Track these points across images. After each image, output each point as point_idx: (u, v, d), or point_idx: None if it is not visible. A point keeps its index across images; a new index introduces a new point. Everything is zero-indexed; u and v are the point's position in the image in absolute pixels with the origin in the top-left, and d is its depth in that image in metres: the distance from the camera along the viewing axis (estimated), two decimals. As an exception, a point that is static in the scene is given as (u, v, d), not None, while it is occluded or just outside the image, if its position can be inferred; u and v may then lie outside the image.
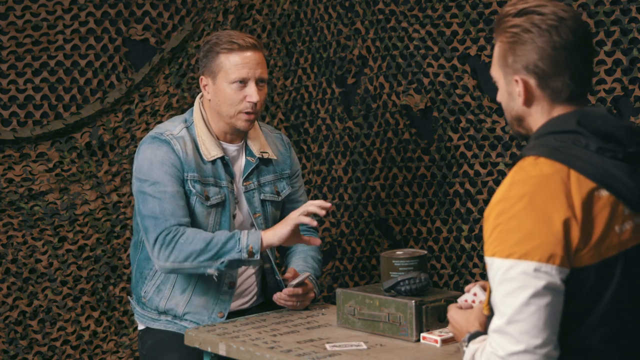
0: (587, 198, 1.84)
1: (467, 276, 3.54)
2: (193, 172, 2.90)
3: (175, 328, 2.95)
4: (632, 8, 3.10)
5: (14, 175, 3.77)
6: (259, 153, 3.02)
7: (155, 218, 2.85)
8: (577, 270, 1.83)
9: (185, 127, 2.96)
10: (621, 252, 1.88)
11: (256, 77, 2.91)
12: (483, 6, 3.45)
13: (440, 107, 3.59)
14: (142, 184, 2.90)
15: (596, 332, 1.86)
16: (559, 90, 1.93)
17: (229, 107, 2.91)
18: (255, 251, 2.79)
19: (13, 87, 3.81)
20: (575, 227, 1.82)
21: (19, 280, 3.78)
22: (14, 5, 3.79)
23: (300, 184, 3.18)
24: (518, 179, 1.86)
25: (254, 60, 2.91)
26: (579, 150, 1.86)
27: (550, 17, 1.91)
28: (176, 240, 2.82)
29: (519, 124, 2.01)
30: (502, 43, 1.96)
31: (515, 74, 1.95)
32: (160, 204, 2.86)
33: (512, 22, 1.94)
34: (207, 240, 2.81)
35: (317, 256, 3.12)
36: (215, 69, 2.92)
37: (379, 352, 2.44)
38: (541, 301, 1.79)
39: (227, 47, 2.90)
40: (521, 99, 1.95)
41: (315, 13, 3.95)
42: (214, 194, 2.92)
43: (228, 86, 2.90)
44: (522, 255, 1.80)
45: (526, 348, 1.79)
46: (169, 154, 2.88)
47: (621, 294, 1.87)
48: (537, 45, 1.91)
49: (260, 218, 3.01)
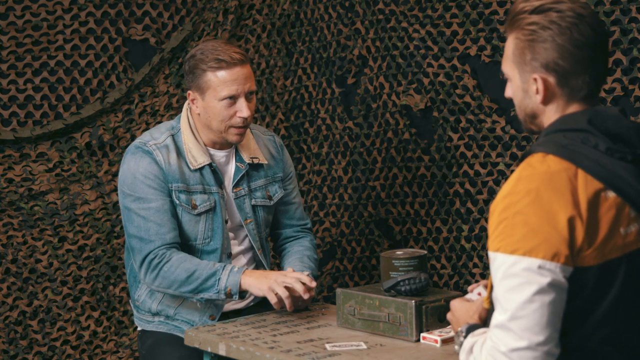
0: (593, 198, 1.83)
1: (467, 276, 3.54)
2: (177, 182, 2.89)
3: (167, 328, 2.96)
4: (632, 8, 3.10)
5: (14, 175, 3.77)
6: (249, 159, 2.99)
7: (140, 239, 2.86)
8: (579, 270, 1.82)
9: (171, 135, 2.93)
10: (625, 254, 1.87)
11: (245, 92, 2.88)
12: (483, 6, 3.45)
13: (440, 107, 3.59)
14: (127, 198, 2.90)
15: (597, 333, 1.85)
16: (578, 89, 1.92)
17: (219, 123, 2.88)
18: (233, 293, 2.80)
19: (13, 87, 3.81)
20: (580, 226, 1.81)
21: (19, 280, 3.78)
22: (14, 5, 3.79)
23: (294, 186, 3.16)
24: (525, 175, 1.86)
25: (242, 76, 2.86)
26: (588, 149, 1.86)
27: (569, 15, 1.89)
28: (160, 267, 2.84)
29: (532, 121, 1.99)
30: (519, 40, 1.93)
31: (533, 72, 1.92)
32: (144, 223, 2.86)
33: (529, 19, 1.91)
34: (189, 273, 2.82)
35: (314, 255, 3.11)
36: (203, 86, 2.88)
37: (379, 352, 2.44)
38: (545, 298, 1.78)
39: (215, 65, 2.85)
40: (540, 97, 1.93)
41: (315, 13, 3.95)
42: (202, 201, 2.91)
43: (218, 103, 2.86)
44: (526, 251, 1.79)
45: (528, 344, 1.79)
46: (152, 164, 2.87)
47: (623, 296, 1.86)
48: (558, 43, 1.89)
49: (251, 224, 3.00)
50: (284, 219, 3.15)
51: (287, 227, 3.17)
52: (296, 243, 3.14)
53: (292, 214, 3.15)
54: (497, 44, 3.42)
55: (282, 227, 3.17)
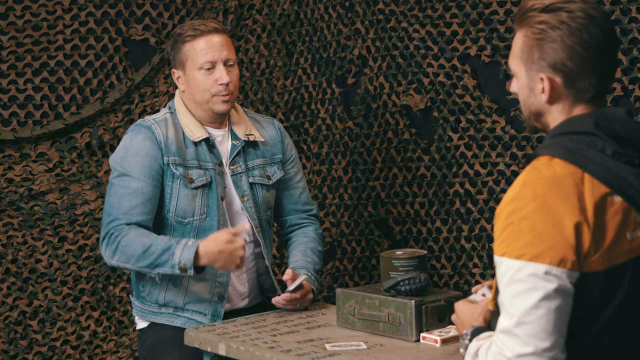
0: (600, 203, 1.82)
1: (467, 276, 3.54)
2: (174, 155, 2.93)
3: (178, 322, 2.95)
4: (632, 8, 3.10)
5: (14, 175, 3.77)
6: (244, 136, 3.04)
7: (109, 214, 2.92)
8: (586, 275, 1.80)
9: (170, 113, 3.02)
10: (631, 259, 1.86)
11: (223, 59, 2.96)
12: (483, 6, 3.45)
13: (440, 107, 3.59)
14: (113, 173, 2.96)
15: (603, 338, 1.84)
16: (585, 90, 1.90)
17: (202, 92, 2.96)
18: (187, 267, 2.80)
19: (13, 87, 3.81)
20: (587, 231, 1.80)
21: (19, 280, 3.78)
22: (14, 5, 3.79)
23: (297, 170, 3.19)
24: (531, 179, 1.84)
25: (218, 43, 2.96)
26: (594, 153, 1.84)
27: (579, 15, 1.87)
28: (118, 241, 2.87)
29: (537, 119, 1.97)
30: (527, 38, 1.91)
31: (540, 71, 1.90)
32: (118, 200, 2.90)
33: (539, 17, 1.89)
34: (144, 247, 2.84)
35: (318, 247, 3.12)
36: (183, 59, 2.98)
37: (378, 352, 2.44)
38: (551, 304, 1.77)
39: (191, 34, 2.96)
40: (545, 96, 1.91)
41: (315, 13, 3.95)
42: (197, 176, 2.94)
43: (197, 72, 2.95)
44: (533, 257, 1.78)
45: (534, 350, 1.78)
46: (145, 140, 2.93)
47: (629, 300, 1.85)
48: (567, 44, 1.87)
49: (249, 201, 3.01)
50: (288, 203, 3.17)
51: (291, 213, 3.18)
52: (301, 233, 3.16)
53: (297, 198, 3.17)
54: (497, 44, 3.42)
55: (286, 212, 3.18)
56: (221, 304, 2.95)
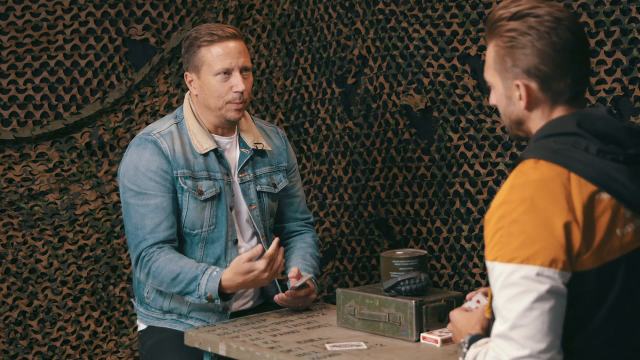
0: (588, 201, 1.83)
1: (467, 276, 3.54)
2: (183, 168, 2.90)
3: (181, 328, 2.95)
4: (632, 8, 3.10)
5: (14, 175, 3.77)
6: (253, 144, 3.02)
7: (135, 236, 2.89)
8: (578, 274, 1.81)
9: (175, 124, 2.97)
10: (623, 255, 1.86)
11: (240, 66, 2.91)
12: (483, 6, 3.45)
13: (440, 107, 3.59)
14: (127, 192, 2.92)
15: (599, 336, 1.85)
16: (561, 92, 1.92)
17: (216, 99, 2.92)
18: (214, 298, 2.80)
19: (13, 87, 3.81)
20: (577, 231, 1.81)
21: (19, 280, 3.78)
22: (14, 5, 3.79)
23: (297, 179, 3.18)
24: (518, 183, 1.85)
25: (235, 50, 2.91)
26: (579, 153, 1.85)
27: (546, 19, 1.89)
28: (149, 267, 2.86)
29: (518, 128, 1.99)
30: (499, 47, 1.94)
31: (515, 78, 1.93)
32: (141, 220, 2.88)
33: (507, 26, 1.92)
34: (173, 275, 2.83)
35: (315, 253, 3.12)
36: (198, 63, 2.92)
37: (379, 352, 2.44)
38: (545, 305, 1.78)
39: (208, 39, 2.90)
40: (523, 102, 1.93)
41: (315, 13, 3.95)
42: (207, 187, 2.92)
43: (213, 78, 2.90)
44: (524, 259, 1.79)
45: (531, 353, 1.78)
46: (154, 155, 2.89)
47: (623, 297, 1.86)
48: (537, 48, 1.89)
49: (256, 210, 3.00)
50: (289, 211, 3.17)
51: (291, 221, 3.18)
52: (299, 239, 3.15)
53: (297, 207, 3.18)
54: (497, 44, 3.42)
55: (286, 220, 3.18)
56: (225, 315, 2.95)
